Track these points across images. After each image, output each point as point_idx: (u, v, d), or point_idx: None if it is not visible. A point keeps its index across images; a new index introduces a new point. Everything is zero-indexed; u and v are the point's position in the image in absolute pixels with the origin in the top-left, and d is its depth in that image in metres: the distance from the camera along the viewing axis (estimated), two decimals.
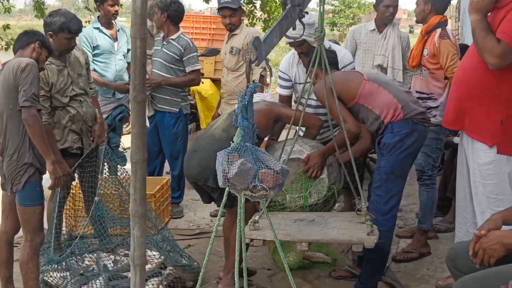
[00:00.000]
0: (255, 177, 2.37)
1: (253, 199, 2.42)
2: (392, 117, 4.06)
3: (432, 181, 4.96)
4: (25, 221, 3.94)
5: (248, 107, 2.43)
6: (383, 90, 4.13)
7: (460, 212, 4.30)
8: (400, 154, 4.04)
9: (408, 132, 4.05)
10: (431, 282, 4.49)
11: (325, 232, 3.68)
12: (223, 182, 2.41)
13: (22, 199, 3.90)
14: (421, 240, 4.98)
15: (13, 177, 3.87)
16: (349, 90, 4.16)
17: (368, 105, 4.13)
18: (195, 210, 6.35)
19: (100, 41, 6.34)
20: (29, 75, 3.80)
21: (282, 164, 2.44)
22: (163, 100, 6.08)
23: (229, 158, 2.39)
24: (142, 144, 3.55)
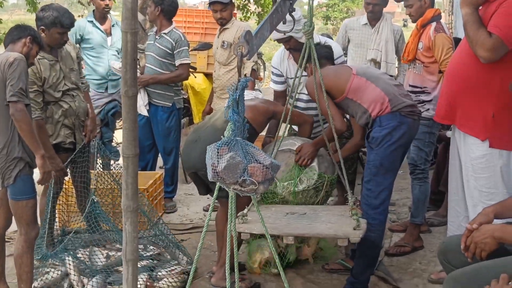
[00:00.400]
0: (245, 171, 2.37)
1: (242, 193, 2.42)
2: (379, 111, 4.06)
3: (424, 175, 4.96)
4: (18, 215, 3.93)
5: (239, 101, 2.42)
6: (370, 84, 4.13)
7: (452, 206, 4.30)
8: (389, 147, 4.03)
9: (396, 125, 4.04)
10: (424, 276, 4.49)
11: (312, 226, 3.68)
12: (212, 175, 2.40)
13: (14, 193, 3.89)
14: (414, 234, 4.99)
15: (3, 171, 3.86)
16: (338, 85, 4.16)
17: (356, 99, 4.13)
18: (188, 205, 6.34)
19: (92, 35, 6.33)
20: (16, 70, 3.78)
21: (272, 159, 2.43)
22: (156, 94, 6.06)
23: (219, 152, 2.38)
24: (133, 139, 3.54)
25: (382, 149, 4.03)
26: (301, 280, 4.42)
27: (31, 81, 4.40)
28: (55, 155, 4.50)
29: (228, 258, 2.74)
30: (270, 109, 4.47)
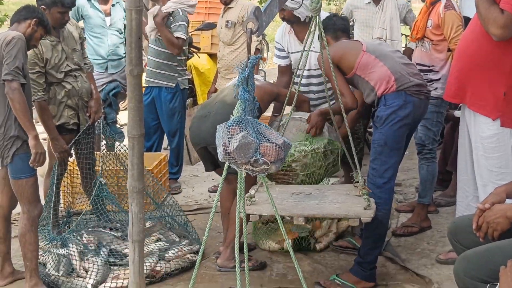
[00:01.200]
0: (257, 151, 2.31)
1: (253, 173, 2.37)
2: (385, 89, 3.99)
3: (432, 155, 4.91)
4: (19, 193, 3.90)
5: (249, 79, 2.36)
6: (379, 62, 4.05)
7: (461, 186, 4.26)
8: (393, 126, 3.96)
9: (401, 104, 3.96)
10: (432, 256, 4.45)
11: (321, 206, 3.64)
12: (223, 156, 2.35)
13: (13, 172, 3.87)
14: (422, 214, 4.95)
15: (2, 150, 3.84)
16: (348, 60, 4.09)
17: (364, 76, 4.06)
18: (193, 186, 6.30)
19: (91, 15, 6.24)
20: (13, 49, 3.73)
21: (285, 138, 2.38)
22: (160, 75, 5.99)
23: (230, 131, 2.33)
24: (139, 119, 3.49)
25: (386, 128, 3.96)
26: (308, 260, 4.39)
27: (33, 62, 4.36)
28: (58, 136, 4.46)
29: (237, 238, 2.69)
30: (274, 90, 4.48)
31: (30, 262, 3.93)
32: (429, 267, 4.30)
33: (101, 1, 6.26)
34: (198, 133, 4.32)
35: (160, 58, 5.96)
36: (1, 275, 4.17)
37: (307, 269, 4.28)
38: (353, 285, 3.98)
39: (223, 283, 4.11)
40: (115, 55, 6.32)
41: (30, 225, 3.89)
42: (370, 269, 4.00)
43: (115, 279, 4.07)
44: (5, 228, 4.16)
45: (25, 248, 3.94)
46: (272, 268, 4.31)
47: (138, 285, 3.70)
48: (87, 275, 4.11)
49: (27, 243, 3.91)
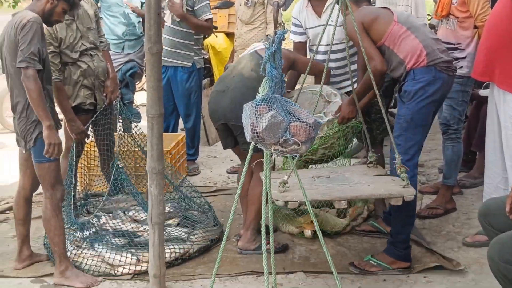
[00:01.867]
0: (286, 130, 2.20)
1: (283, 154, 2.25)
2: (415, 63, 3.84)
3: (457, 135, 4.78)
4: (42, 177, 3.83)
5: (276, 55, 2.24)
6: (410, 34, 3.90)
7: (489, 167, 4.15)
8: (421, 102, 3.84)
9: (431, 80, 3.83)
10: (458, 239, 4.34)
11: (357, 188, 3.54)
12: (251, 136, 2.23)
13: (36, 156, 3.78)
14: (446, 195, 4.83)
15: (24, 134, 3.76)
16: (379, 27, 3.92)
17: (393, 47, 3.90)
18: (211, 167, 6.22)
19: None
20: (28, 33, 3.60)
21: (316, 117, 2.26)
22: (175, 54, 5.88)
23: (258, 111, 2.21)
24: (158, 98, 3.40)
25: (414, 103, 3.84)
26: (331, 243, 4.29)
27: (47, 42, 4.23)
28: (75, 117, 4.38)
29: (263, 222, 2.59)
30: (291, 56, 4.34)
31: (58, 247, 3.85)
32: (455, 250, 4.19)
33: None
34: (217, 109, 4.21)
35: (177, 37, 5.85)
36: (19, 258, 4.12)
37: (331, 252, 4.11)
38: (388, 265, 3.93)
39: (244, 266, 4.02)
40: (132, 35, 6.28)
41: (53, 210, 3.81)
42: (404, 249, 3.94)
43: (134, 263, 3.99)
44: (26, 210, 4.10)
45: (51, 233, 3.86)
46: (294, 251, 4.22)
47: (158, 268, 3.63)
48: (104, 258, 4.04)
49: (53, 228, 3.83)
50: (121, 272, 3.95)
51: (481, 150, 5.05)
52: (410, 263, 3.96)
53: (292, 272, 3.93)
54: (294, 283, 3.81)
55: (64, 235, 3.91)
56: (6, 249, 4.36)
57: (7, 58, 3.74)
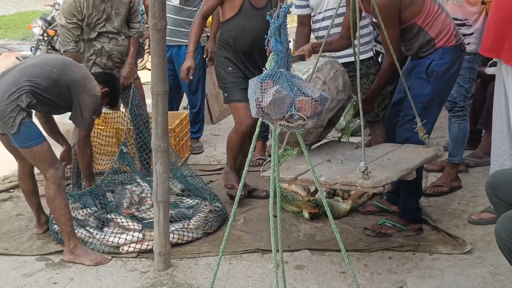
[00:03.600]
0: (292, 105, 2.16)
1: (289, 129, 2.22)
2: (445, 42, 3.82)
3: (464, 112, 4.74)
4: (37, 161, 3.79)
5: (282, 29, 2.20)
6: (442, 12, 3.85)
7: (496, 144, 4.11)
8: (445, 82, 3.87)
9: (455, 59, 3.85)
10: (463, 217, 4.32)
11: (405, 158, 3.56)
12: (256, 111, 2.20)
13: (22, 142, 3.73)
14: (452, 173, 4.80)
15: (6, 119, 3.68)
16: (414, 9, 3.79)
17: (425, 26, 3.81)
18: (215, 145, 6.20)
19: None
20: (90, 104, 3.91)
21: (321, 92, 2.22)
22: (180, 33, 5.82)
23: (263, 86, 2.17)
24: (163, 75, 3.37)
25: (439, 84, 3.85)
26: (336, 221, 4.26)
27: (71, 13, 4.41)
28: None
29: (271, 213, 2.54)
30: None
31: (65, 226, 3.83)
32: (461, 227, 4.17)
33: None
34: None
35: (181, 15, 5.80)
36: (39, 224, 4.24)
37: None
38: (403, 226, 4.04)
39: (250, 244, 4.00)
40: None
41: (56, 189, 3.78)
42: (415, 211, 4.07)
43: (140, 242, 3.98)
44: (31, 183, 4.20)
45: (56, 213, 3.84)
46: (299, 229, 4.21)
47: (163, 246, 3.64)
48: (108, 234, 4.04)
49: (58, 207, 3.81)
50: (126, 251, 3.93)
51: (487, 128, 5.02)
52: (422, 224, 4.09)
53: (298, 250, 3.92)
54: (299, 260, 3.79)
55: (70, 213, 3.90)
56: (10, 227, 4.36)
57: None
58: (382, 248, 3.90)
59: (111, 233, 4.03)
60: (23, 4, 22.04)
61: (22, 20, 17.36)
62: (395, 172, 3.26)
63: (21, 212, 4.60)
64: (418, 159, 3.55)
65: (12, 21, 17.39)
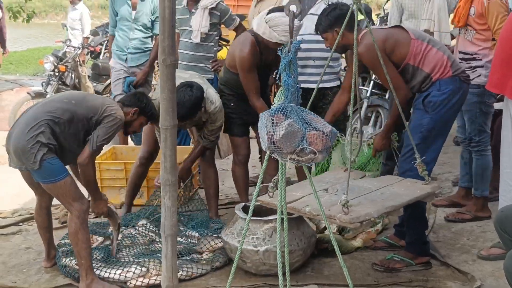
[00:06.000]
0: (303, 139, 2.19)
1: (299, 163, 2.25)
2: (441, 74, 3.89)
3: (480, 147, 4.78)
4: (61, 196, 3.81)
5: (292, 64, 2.24)
6: (432, 47, 3.93)
7: (504, 179, 4.12)
8: (445, 112, 3.92)
9: (455, 90, 3.91)
10: (472, 252, 4.30)
11: (397, 193, 3.58)
12: (267, 145, 2.23)
13: (45, 177, 3.75)
14: (478, 204, 4.88)
15: (27, 154, 3.69)
16: (400, 51, 3.91)
17: (418, 64, 3.92)
18: (223, 180, 6.20)
19: (120, 7, 6.42)
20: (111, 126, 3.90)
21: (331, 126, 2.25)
22: (197, 68, 5.86)
23: (274, 119, 2.21)
24: (172, 110, 3.39)
25: (438, 114, 3.91)
26: (344, 256, 4.25)
27: None
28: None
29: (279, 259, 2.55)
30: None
31: (85, 260, 3.83)
32: (470, 263, 4.15)
33: None
34: None
35: (198, 51, 5.85)
36: (48, 258, 4.24)
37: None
38: (411, 260, 4.03)
39: (258, 279, 3.99)
40: (135, 49, 6.46)
41: (80, 223, 3.79)
42: (422, 244, 4.08)
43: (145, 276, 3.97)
44: (47, 219, 4.21)
45: (78, 247, 3.83)
46: (307, 264, 4.19)
47: (170, 280, 3.61)
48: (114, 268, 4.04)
49: (80, 241, 3.81)
50: (134, 285, 3.92)
51: (495, 163, 5.02)
52: (430, 257, 4.10)
53: (306, 284, 3.90)
54: None
55: (90, 248, 3.91)
56: (19, 261, 4.37)
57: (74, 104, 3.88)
58: (390, 283, 3.89)
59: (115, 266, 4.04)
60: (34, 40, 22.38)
61: (33, 56, 17.59)
62: (378, 209, 3.28)
63: (30, 246, 4.62)
64: (410, 196, 3.57)
65: (23, 57, 17.61)
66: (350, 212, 3.13)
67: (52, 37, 22.82)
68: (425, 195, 3.66)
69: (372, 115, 6.47)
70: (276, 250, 2.56)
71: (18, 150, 3.72)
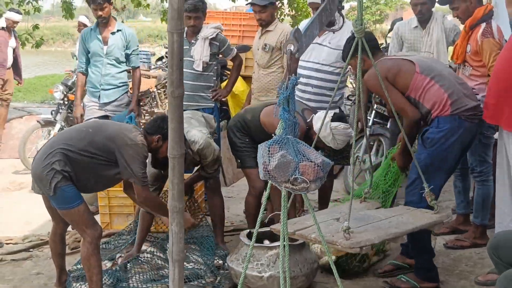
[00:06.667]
0: (296, 169, 2.35)
1: (293, 191, 2.40)
2: (440, 112, 4.02)
3: (482, 177, 4.88)
4: (74, 222, 3.96)
5: (290, 99, 2.40)
6: (435, 83, 4.05)
7: (500, 207, 4.23)
8: (443, 150, 4.02)
9: (453, 128, 4.01)
10: (470, 278, 4.40)
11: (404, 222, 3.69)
12: (263, 174, 2.39)
13: (59, 203, 3.91)
14: (476, 232, 4.97)
15: (43, 181, 3.86)
16: (402, 81, 4.08)
17: (419, 98, 4.08)
18: (228, 207, 6.30)
19: (91, 42, 6.31)
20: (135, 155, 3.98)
21: (323, 157, 2.41)
22: (198, 97, 6.02)
23: (270, 150, 2.37)
24: (179, 139, 3.55)
25: (435, 150, 4.03)
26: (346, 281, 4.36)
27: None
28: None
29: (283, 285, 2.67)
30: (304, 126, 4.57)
31: (96, 285, 3.95)
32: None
33: (102, 29, 6.32)
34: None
35: (199, 81, 5.99)
36: (59, 283, 4.35)
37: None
38: (417, 283, 4.16)
39: None
40: (108, 85, 6.33)
41: (92, 249, 3.92)
42: (428, 271, 4.19)
43: None
44: (61, 245, 4.32)
45: (89, 272, 3.95)
46: None
47: None
48: None
49: (92, 267, 3.93)
50: None
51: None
52: (437, 283, 4.20)
53: None
54: None
55: (101, 274, 4.02)
56: (30, 286, 4.50)
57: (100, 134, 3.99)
58: None
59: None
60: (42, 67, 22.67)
61: (41, 84, 17.83)
62: (379, 235, 3.41)
63: (40, 271, 4.74)
64: (415, 224, 3.68)
65: (31, 84, 17.84)
66: (351, 237, 3.26)
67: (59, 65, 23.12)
68: (432, 224, 3.77)
69: (374, 144, 6.60)
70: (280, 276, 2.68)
71: (36, 176, 3.90)
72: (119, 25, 6.42)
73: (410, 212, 3.91)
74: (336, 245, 3.29)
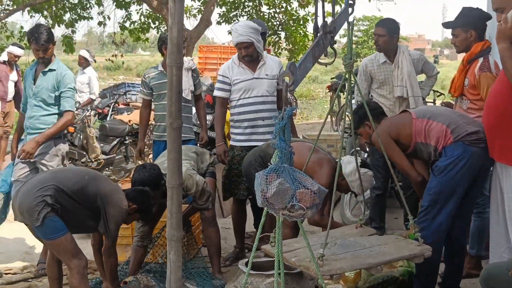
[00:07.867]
0: (293, 197, 2.44)
1: (290, 218, 2.48)
2: (444, 143, 4.18)
3: (479, 209, 4.94)
4: (61, 252, 4.03)
5: (285, 129, 2.50)
6: (432, 122, 4.26)
7: (494, 237, 4.27)
8: (453, 175, 4.13)
9: (460, 155, 4.13)
10: None
11: (384, 252, 3.73)
12: (261, 201, 2.47)
13: (46, 234, 3.99)
14: (471, 262, 5.02)
15: (31, 211, 3.94)
16: (405, 133, 4.32)
17: (425, 140, 4.27)
18: (225, 238, 6.36)
19: (26, 81, 5.74)
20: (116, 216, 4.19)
21: (319, 185, 2.50)
22: (187, 129, 6.13)
23: (268, 179, 2.45)
24: (178, 169, 3.63)
25: (444, 177, 4.14)
26: None
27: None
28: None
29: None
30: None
31: None
32: None
33: (39, 65, 5.63)
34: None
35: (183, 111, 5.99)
36: None
37: None
38: None
39: None
40: (33, 129, 5.52)
41: (80, 278, 4.00)
42: None
43: None
44: (57, 270, 4.39)
45: None
46: None
47: None
48: None
49: None
50: None
51: None
52: None
53: None
54: None
55: None
56: None
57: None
58: None
59: None
60: None
61: None
62: (353, 265, 3.48)
63: None
64: (394, 255, 3.73)
65: None
66: (325, 265, 3.35)
67: None
68: (412, 256, 3.77)
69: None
70: None
71: (22, 206, 3.97)
72: (55, 64, 5.56)
73: (396, 242, 3.94)
74: (309, 271, 3.40)
